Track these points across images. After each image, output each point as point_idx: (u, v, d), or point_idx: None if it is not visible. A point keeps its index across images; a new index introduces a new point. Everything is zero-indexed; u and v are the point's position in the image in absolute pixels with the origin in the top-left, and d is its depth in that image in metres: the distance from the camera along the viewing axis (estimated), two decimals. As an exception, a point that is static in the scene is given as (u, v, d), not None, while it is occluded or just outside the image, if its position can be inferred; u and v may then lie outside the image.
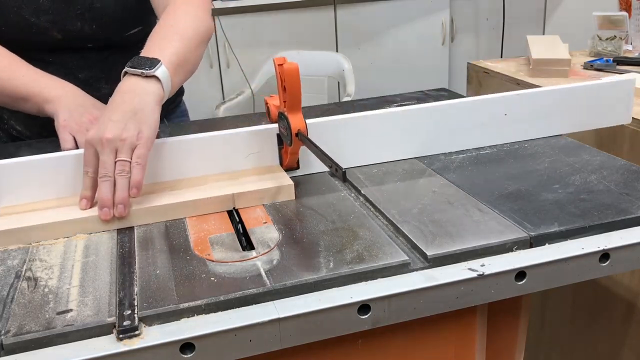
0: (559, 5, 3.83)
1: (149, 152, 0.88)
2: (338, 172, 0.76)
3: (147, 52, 0.99)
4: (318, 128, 0.96)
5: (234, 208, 0.90)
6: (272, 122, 1.05)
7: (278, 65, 0.87)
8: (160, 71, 0.94)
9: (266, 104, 1.12)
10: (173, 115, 1.48)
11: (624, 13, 1.96)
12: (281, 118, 0.92)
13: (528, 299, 0.86)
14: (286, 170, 0.98)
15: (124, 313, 0.66)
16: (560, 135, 1.13)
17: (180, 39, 1.04)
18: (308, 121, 0.90)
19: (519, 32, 3.70)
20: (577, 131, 1.14)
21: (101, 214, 0.85)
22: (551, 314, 1.60)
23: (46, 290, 0.71)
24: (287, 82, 0.85)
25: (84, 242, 0.83)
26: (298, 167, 1.00)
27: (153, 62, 0.94)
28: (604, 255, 0.76)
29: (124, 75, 0.94)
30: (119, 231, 0.86)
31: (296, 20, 3.39)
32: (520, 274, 0.73)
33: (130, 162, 0.86)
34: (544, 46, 1.83)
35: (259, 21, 3.32)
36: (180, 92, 1.49)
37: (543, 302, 1.62)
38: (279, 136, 0.98)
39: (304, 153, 0.97)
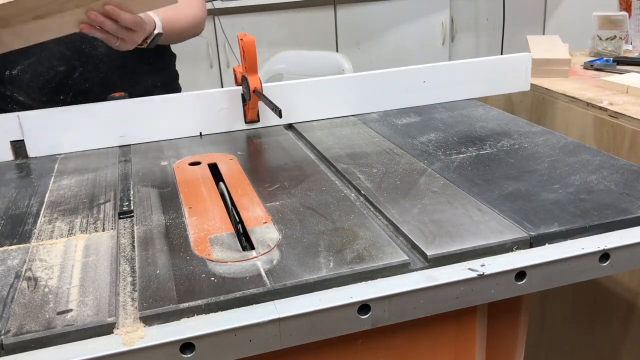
0: (559, 5, 3.83)
1: None
2: (277, 111, 1.03)
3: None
4: (273, 90, 1.25)
5: None
6: (238, 85, 1.27)
7: (240, 39, 1.16)
8: (158, 20, 1.21)
9: (234, 72, 1.30)
10: None
11: (624, 13, 1.96)
12: (243, 81, 1.19)
13: (528, 299, 0.86)
14: (249, 123, 1.27)
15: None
16: (471, 99, 1.39)
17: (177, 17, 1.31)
18: (265, 85, 1.20)
19: (519, 32, 3.70)
20: (485, 96, 1.42)
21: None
22: (551, 314, 1.60)
23: (46, 290, 0.71)
24: (246, 52, 1.14)
25: (84, 242, 0.83)
26: (258, 120, 1.28)
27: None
28: (604, 255, 0.76)
29: None
30: (119, 231, 0.86)
31: (296, 20, 3.39)
32: (520, 274, 0.73)
33: None
34: (544, 46, 1.83)
35: (259, 21, 3.32)
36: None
37: (543, 302, 1.62)
38: (243, 96, 1.24)
39: (263, 110, 1.26)
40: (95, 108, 1.20)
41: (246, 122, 1.28)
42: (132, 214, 0.90)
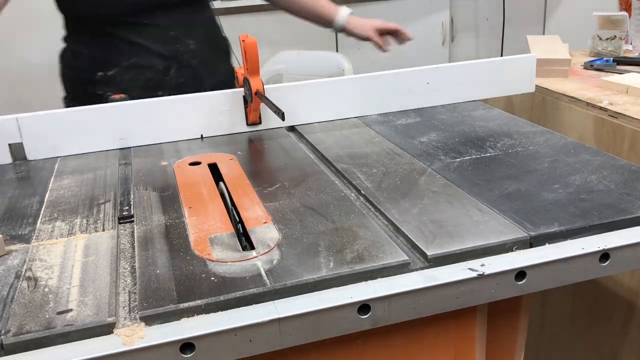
0: (559, 5, 3.83)
1: None
2: (279, 114, 1.03)
3: None
4: (275, 91, 1.24)
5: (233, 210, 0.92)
6: (240, 87, 1.26)
7: (242, 41, 1.15)
8: None
9: (236, 73, 1.29)
10: None
11: (624, 13, 1.96)
12: (245, 82, 1.19)
13: (528, 299, 0.86)
14: (250, 125, 1.26)
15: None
16: (475, 100, 1.38)
17: None
18: (267, 87, 1.18)
19: (519, 32, 3.70)
20: (489, 97, 1.40)
21: None
22: (551, 314, 1.60)
23: (46, 290, 0.71)
24: (248, 53, 1.14)
25: (84, 242, 0.83)
26: (260, 122, 1.27)
27: None
28: (604, 255, 0.76)
29: None
30: (120, 231, 0.86)
31: (296, 20, 3.39)
32: (520, 274, 0.73)
33: None
34: (544, 46, 1.83)
35: (259, 21, 3.32)
36: None
37: (543, 302, 1.62)
38: (244, 97, 1.24)
39: (265, 112, 1.24)
40: (95, 110, 1.19)
41: (248, 125, 1.27)
42: (132, 219, 0.90)
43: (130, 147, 1.21)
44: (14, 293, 0.71)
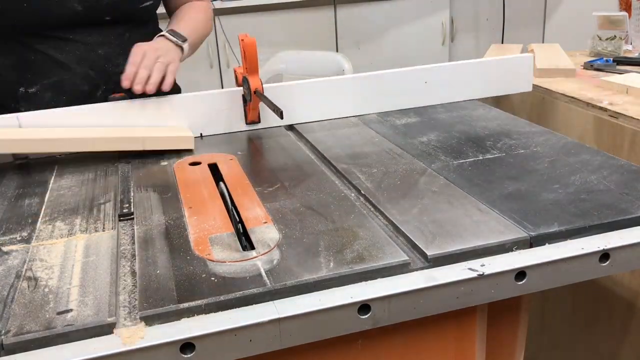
0: (559, 5, 3.83)
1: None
2: (278, 112, 1.05)
3: (176, 27, 1.33)
4: (274, 90, 1.26)
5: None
6: (239, 86, 1.27)
7: (241, 40, 1.17)
8: (186, 46, 1.30)
9: (235, 72, 1.30)
10: None
11: (624, 13, 1.96)
12: (244, 81, 1.20)
13: (528, 299, 0.86)
14: (250, 124, 1.28)
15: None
16: (472, 100, 1.39)
17: (195, 30, 1.38)
18: (266, 86, 1.21)
19: (519, 32, 3.70)
20: (487, 96, 1.41)
21: (135, 89, 1.17)
22: (551, 314, 1.60)
23: (46, 290, 0.71)
24: (247, 52, 1.16)
25: (84, 242, 0.83)
26: (259, 121, 1.28)
27: (184, 39, 1.29)
28: (604, 255, 0.76)
29: (158, 37, 1.28)
30: (120, 231, 0.86)
31: (296, 20, 3.40)
32: (520, 274, 0.73)
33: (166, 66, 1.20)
34: (545, 55, 1.83)
35: (259, 21, 3.32)
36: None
37: (543, 302, 1.62)
38: (244, 97, 1.25)
39: (264, 111, 1.26)
40: (95, 109, 1.19)
41: (247, 123, 1.28)
42: (132, 216, 0.90)
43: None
44: (14, 293, 0.71)
